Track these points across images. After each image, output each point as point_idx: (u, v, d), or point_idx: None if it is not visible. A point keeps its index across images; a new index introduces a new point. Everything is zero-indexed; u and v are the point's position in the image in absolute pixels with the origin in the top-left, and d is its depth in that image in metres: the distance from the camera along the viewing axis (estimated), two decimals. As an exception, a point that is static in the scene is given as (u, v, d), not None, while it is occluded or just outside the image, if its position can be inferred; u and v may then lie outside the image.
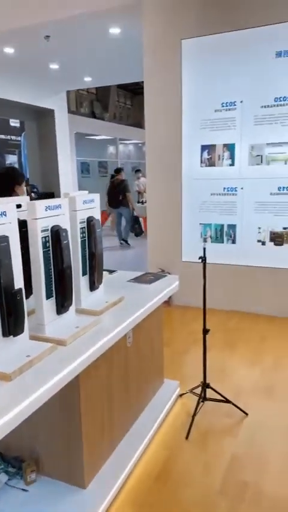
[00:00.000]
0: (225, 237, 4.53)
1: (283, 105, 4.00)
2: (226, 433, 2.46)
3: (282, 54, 3.92)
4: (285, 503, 1.93)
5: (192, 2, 4.16)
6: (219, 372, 3.11)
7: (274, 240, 4.33)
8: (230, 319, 4.28)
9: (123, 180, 8.50)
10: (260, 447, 2.32)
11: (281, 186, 4.18)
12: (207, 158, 4.45)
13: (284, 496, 1.98)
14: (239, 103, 4.18)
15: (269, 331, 3.97)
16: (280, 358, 3.41)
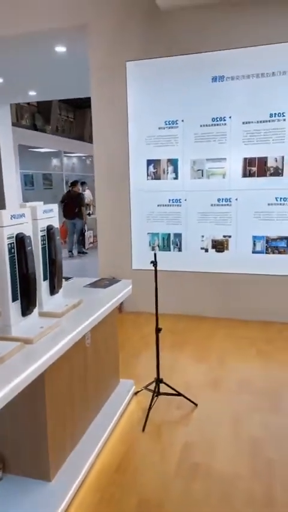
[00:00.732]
0: (172, 245, 4.83)
1: (219, 124, 4.41)
2: (178, 423, 2.67)
3: (217, 79, 4.34)
4: (230, 477, 2.17)
5: (134, 28, 4.47)
6: (170, 369, 3.34)
7: (216, 247, 4.70)
8: (179, 322, 4.55)
9: (80, 194, 8.88)
10: (209, 433, 2.56)
11: (220, 197, 4.57)
12: (153, 172, 4.74)
13: (229, 472, 2.22)
14: (181, 122, 4.54)
15: (214, 331, 4.29)
16: (224, 355, 3.72)
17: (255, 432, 2.56)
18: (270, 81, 4.18)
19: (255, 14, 4.04)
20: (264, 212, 4.46)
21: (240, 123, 4.34)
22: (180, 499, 2.04)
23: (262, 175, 4.39)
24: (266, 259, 4.50)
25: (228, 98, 4.33)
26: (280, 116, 4.21)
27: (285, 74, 4.13)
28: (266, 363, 3.58)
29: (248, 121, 4.32)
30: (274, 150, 4.30)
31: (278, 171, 4.34)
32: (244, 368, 3.47)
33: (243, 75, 4.25)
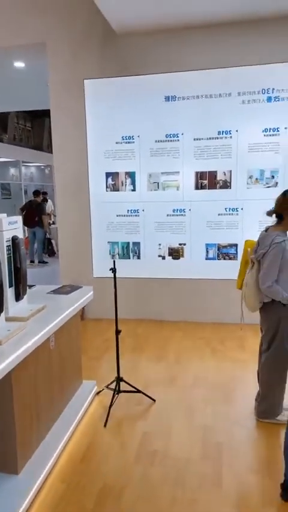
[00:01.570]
0: (131, 253, 5.07)
1: (173, 140, 4.74)
2: (138, 417, 2.89)
3: (170, 99, 4.68)
4: (184, 461, 2.42)
5: (92, 49, 4.72)
6: (130, 370, 3.55)
7: (172, 255, 4.99)
8: (138, 326, 4.78)
9: (40, 203, 9.00)
10: (165, 424, 2.80)
11: (175, 208, 4.88)
12: (111, 184, 4.98)
13: (183, 456, 2.46)
14: (137, 137, 4.83)
15: (172, 334, 4.56)
16: (180, 355, 3.99)
17: (207, 421, 2.83)
18: (217, 102, 4.57)
19: (204, 39, 4.42)
20: (215, 222, 4.82)
21: (192, 139, 4.69)
22: (139, 483, 2.25)
23: (212, 187, 4.75)
24: (217, 264, 4.85)
25: (180, 116, 4.67)
26: (227, 133, 4.61)
27: (230, 96, 4.53)
28: (219, 360, 3.89)
29: (198, 138, 4.68)
30: (223, 165, 4.68)
31: (226, 184, 4.72)
32: (199, 365, 3.75)
33: (193, 96, 4.61)
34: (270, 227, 2.69)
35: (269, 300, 2.61)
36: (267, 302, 2.63)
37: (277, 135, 4.50)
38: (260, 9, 4.01)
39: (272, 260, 2.54)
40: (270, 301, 2.61)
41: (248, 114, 4.51)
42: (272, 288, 2.53)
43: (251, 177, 4.64)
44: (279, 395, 2.70)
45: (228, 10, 4.03)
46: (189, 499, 2.12)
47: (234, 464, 2.38)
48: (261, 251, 2.62)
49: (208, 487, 2.21)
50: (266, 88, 4.43)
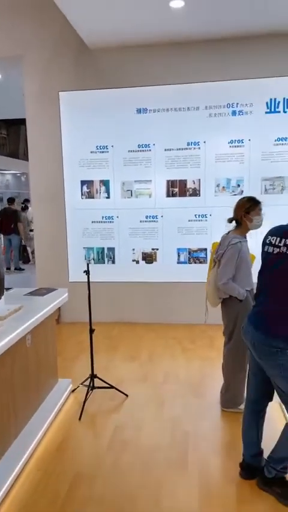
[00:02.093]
0: (106, 258, 5.26)
1: (145, 150, 4.98)
2: (111, 411, 3.06)
3: (141, 111, 4.93)
4: (152, 449, 2.61)
5: (66, 62, 4.92)
6: (105, 368, 3.72)
7: (145, 259, 5.21)
8: (113, 329, 4.96)
9: (16, 210, 9.07)
10: (137, 417, 2.98)
11: (148, 214, 5.11)
12: (86, 191, 5.17)
13: (152, 444, 2.65)
14: (111, 147, 5.04)
15: (145, 335, 4.76)
16: (153, 355, 4.19)
17: (176, 412, 3.04)
18: (186, 115, 4.85)
19: (173, 56, 4.69)
20: (186, 227, 5.07)
21: (163, 149, 4.94)
22: (111, 469, 2.42)
23: (183, 195, 5.01)
24: (188, 268, 5.10)
25: (151, 128, 4.92)
26: (196, 144, 4.88)
27: (198, 109, 4.82)
28: (189, 358, 4.11)
29: (169, 148, 4.93)
30: (192, 174, 4.95)
31: (196, 192, 4.99)
32: (170, 363, 3.96)
33: (163, 109, 4.87)
34: (231, 231, 2.95)
35: (227, 296, 2.85)
36: (226, 298, 2.88)
37: (242, 147, 4.81)
38: (223, 30, 4.32)
39: (228, 259, 2.79)
40: (228, 298, 2.86)
41: (215, 127, 4.80)
42: (228, 285, 2.77)
43: (218, 186, 4.93)
44: (240, 385, 2.93)
45: (195, 30, 4.32)
46: (156, 481, 2.31)
47: (198, 449, 2.59)
48: (220, 251, 2.87)
49: (174, 471, 2.40)
50: (230, 103, 4.74)
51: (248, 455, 2.31)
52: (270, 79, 4.60)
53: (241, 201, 2.89)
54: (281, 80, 4.58)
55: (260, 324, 2.11)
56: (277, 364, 2.04)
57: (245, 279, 2.85)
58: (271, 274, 2.10)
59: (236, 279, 2.81)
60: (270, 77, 4.60)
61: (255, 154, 4.79)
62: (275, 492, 2.15)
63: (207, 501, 2.15)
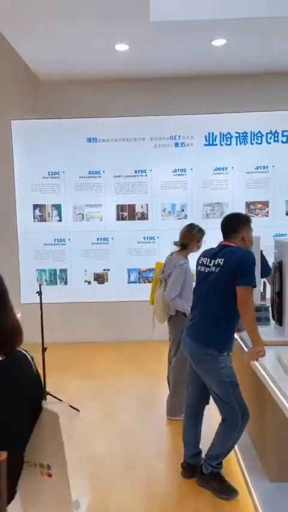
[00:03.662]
0: (59, 280, 5.40)
1: (95, 177, 5.27)
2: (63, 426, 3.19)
3: (91, 140, 5.23)
4: (102, 458, 2.78)
5: (18, 92, 5.15)
6: (57, 387, 3.83)
7: (97, 280, 5.42)
8: (66, 349, 5.07)
9: None
10: (88, 429, 3.15)
11: (99, 237, 5.36)
12: (39, 215, 5.33)
13: (104, 452, 2.84)
14: (62, 173, 5.28)
15: (98, 353, 4.93)
16: (106, 371, 4.38)
17: (125, 424, 3.24)
18: (133, 145, 5.21)
19: (121, 91, 5.07)
20: (136, 249, 5.36)
21: (112, 176, 5.26)
22: (64, 479, 2.56)
23: (132, 219, 5.33)
24: (138, 287, 5.36)
25: (101, 156, 5.23)
26: (143, 172, 5.25)
27: (144, 140, 5.21)
28: (140, 373, 4.33)
29: (118, 175, 5.25)
30: (140, 199, 5.29)
31: (144, 216, 5.33)
32: (121, 379, 4.16)
33: (112, 139, 5.21)
34: (174, 252, 3.27)
35: (174, 313, 3.15)
36: (172, 315, 3.17)
37: (185, 175, 5.24)
38: (164, 70, 4.79)
39: (175, 278, 3.10)
40: (175, 314, 3.15)
41: (160, 157, 5.20)
42: (176, 301, 3.08)
43: (164, 210, 5.30)
44: (184, 394, 3.18)
45: (139, 69, 4.75)
46: (104, 486, 2.48)
47: (145, 456, 2.80)
48: (168, 271, 3.18)
49: (122, 475, 2.59)
50: (173, 135, 5.18)
51: (188, 455, 2.56)
52: (207, 115, 5.11)
53: (193, 231, 3.20)
54: (217, 116, 5.10)
55: (195, 335, 2.41)
56: (211, 370, 2.34)
57: (189, 296, 3.16)
58: (203, 291, 2.41)
59: (181, 296, 3.12)
60: (207, 114, 5.11)
61: (196, 182, 5.24)
62: (212, 487, 2.41)
63: (151, 500, 2.36)
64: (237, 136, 5.17)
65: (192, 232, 3.16)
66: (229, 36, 3.93)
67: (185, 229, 3.19)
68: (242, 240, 2.39)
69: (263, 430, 2.50)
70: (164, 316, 3.21)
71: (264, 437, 2.46)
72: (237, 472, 2.59)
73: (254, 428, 2.70)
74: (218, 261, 2.33)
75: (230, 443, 2.37)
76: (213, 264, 2.35)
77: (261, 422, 2.51)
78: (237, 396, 2.32)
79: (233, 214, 2.54)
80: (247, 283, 2.24)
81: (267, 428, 2.39)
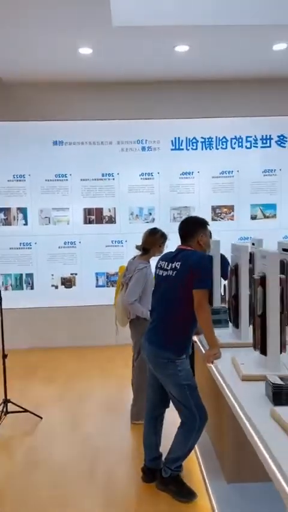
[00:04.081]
0: (25, 284, 5.31)
1: (62, 180, 5.22)
2: (25, 434, 3.14)
3: (57, 143, 5.19)
4: (64, 465, 2.74)
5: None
6: (21, 393, 3.76)
7: (64, 284, 5.36)
8: (32, 354, 4.98)
9: None
10: (50, 437, 3.10)
11: (66, 240, 5.31)
12: (3, 218, 5.23)
13: (64, 459, 2.79)
14: (28, 176, 5.20)
15: (64, 358, 4.86)
16: (71, 376, 4.32)
17: (88, 429, 3.20)
18: (100, 148, 5.21)
19: (87, 94, 5.03)
20: (104, 252, 5.35)
21: (79, 179, 5.23)
22: (22, 487, 2.51)
23: (99, 222, 5.31)
24: (107, 291, 5.33)
25: (67, 159, 5.19)
26: (110, 175, 5.25)
27: (111, 144, 5.21)
28: (106, 378, 4.30)
29: (85, 178, 5.23)
30: (108, 203, 5.28)
31: (112, 219, 5.32)
32: (87, 384, 4.12)
33: (78, 142, 5.18)
34: (137, 256, 3.27)
35: (135, 317, 3.15)
36: (133, 318, 3.17)
37: (152, 179, 5.28)
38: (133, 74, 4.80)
39: (135, 282, 3.09)
40: (136, 318, 3.15)
41: (127, 160, 5.22)
42: (134, 305, 3.08)
43: (132, 214, 5.32)
44: (146, 398, 3.20)
45: (107, 73, 4.74)
46: (65, 495, 2.45)
47: (106, 461, 2.78)
48: (128, 275, 3.17)
49: (82, 482, 2.56)
50: (140, 139, 5.21)
51: (148, 460, 2.56)
52: (174, 120, 5.16)
53: (155, 235, 3.20)
54: (182, 121, 5.16)
55: (152, 338, 2.41)
56: (169, 374, 2.35)
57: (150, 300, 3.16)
58: (161, 294, 2.43)
59: (142, 300, 3.12)
60: (174, 118, 5.16)
61: (163, 186, 5.28)
62: (171, 491, 2.41)
63: (109, 506, 2.34)
64: (202, 141, 5.25)
65: (155, 236, 3.17)
66: (192, 42, 3.99)
67: (147, 233, 3.21)
68: (198, 244, 2.42)
69: (221, 431, 2.53)
70: (125, 320, 3.21)
71: (222, 438, 2.49)
72: (197, 474, 2.61)
73: (213, 430, 2.73)
74: (175, 265, 2.35)
75: (189, 446, 2.38)
76: (171, 268, 2.37)
77: (219, 423, 2.54)
78: (195, 399, 2.34)
79: (190, 218, 2.56)
80: (203, 286, 2.27)
81: (225, 430, 2.42)
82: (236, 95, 5.08)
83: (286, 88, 5.08)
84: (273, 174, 5.30)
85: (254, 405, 1.62)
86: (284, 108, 5.11)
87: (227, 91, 5.06)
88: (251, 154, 5.28)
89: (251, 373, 1.84)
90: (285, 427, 1.40)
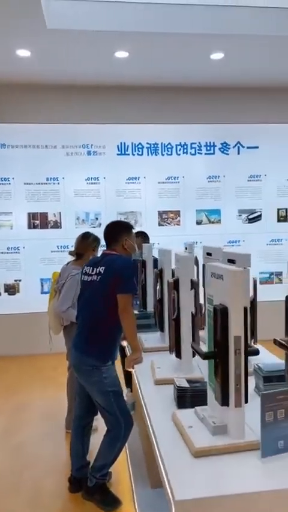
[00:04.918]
0: None
1: (4, 184, 5.09)
2: None
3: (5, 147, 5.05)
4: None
5: None
6: None
7: (8, 291, 5.20)
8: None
9: None
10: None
11: (9, 246, 5.16)
12: None
13: None
14: None
15: (6, 367, 4.70)
16: (10, 386, 4.18)
17: (22, 439, 3.10)
18: (45, 152, 5.12)
19: (29, 96, 4.94)
20: (49, 258, 5.24)
21: (22, 183, 5.11)
22: None
23: (44, 227, 5.21)
24: (52, 298, 5.23)
25: (10, 162, 5.06)
26: (55, 180, 5.17)
27: (56, 148, 5.14)
28: (47, 386, 4.20)
29: (29, 182, 5.12)
30: (53, 207, 5.19)
31: (57, 224, 5.23)
32: (27, 393, 4.00)
33: (21, 145, 5.07)
34: (70, 262, 3.22)
35: (68, 323, 3.09)
36: (67, 325, 3.10)
37: (98, 184, 5.25)
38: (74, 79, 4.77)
39: (68, 289, 3.04)
40: (69, 324, 3.09)
41: (72, 165, 5.17)
42: (68, 312, 3.02)
43: (78, 218, 5.25)
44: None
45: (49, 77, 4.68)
46: (-14, 510, 2.34)
47: (36, 471, 2.70)
48: (61, 282, 3.11)
49: (9, 493, 2.46)
50: (86, 143, 5.18)
51: (74, 469, 2.50)
52: (119, 125, 5.17)
53: (88, 239, 3.16)
54: (128, 126, 5.18)
55: (78, 345, 2.37)
56: (93, 381, 2.31)
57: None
58: (86, 299, 2.39)
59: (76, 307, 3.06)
60: (120, 124, 5.17)
61: (110, 190, 5.26)
62: (96, 500, 2.36)
63: (32, 519, 2.26)
64: (148, 147, 5.30)
65: (87, 241, 3.14)
66: (130, 48, 4.01)
67: (80, 238, 3.17)
68: (123, 248, 2.41)
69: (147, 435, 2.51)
70: (58, 327, 3.14)
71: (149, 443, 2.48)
72: (126, 481, 2.58)
73: (145, 436, 2.71)
74: (100, 269, 2.32)
75: (114, 454, 2.35)
76: (95, 273, 2.34)
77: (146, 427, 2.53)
78: (120, 406, 2.31)
79: (113, 223, 2.56)
80: (127, 291, 2.26)
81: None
82: (179, 102, 5.16)
83: (228, 96, 5.23)
84: (217, 180, 5.43)
85: (160, 409, 1.62)
86: (226, 116, 5.26)
87: (171, 98, 5.14)
88: (195, 160, 5.39)
89: (163, 377, 1.84)
90: (181, 431, 1.40)
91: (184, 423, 1.40)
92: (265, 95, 5.22)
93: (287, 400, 1.23)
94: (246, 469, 1.20)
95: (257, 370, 1.68)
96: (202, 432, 1.34)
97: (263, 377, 1.62)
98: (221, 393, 1.31)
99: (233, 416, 1.30)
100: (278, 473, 1.18)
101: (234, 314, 1.27)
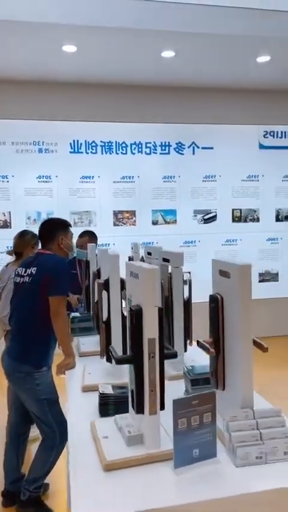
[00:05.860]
0: None
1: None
2: None
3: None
4: None
5: None
6: None
7: None
8: None
9: None
10: None
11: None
12: None
13: None
14: None
15: None
16: None
17: None
18: (-4, 149, 4.90)
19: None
20: (-2, 259, 5.00)
21: None
22: None
23: (-8, 227, 4.98)
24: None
25: None
26: (4, 178, 4.95)
27: (5, 144, 4.92)
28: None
29: (-25, 180, 4.88)
30: (2, 206, 4.97)
31: (7, 224, 5.01)
32: None
33: None
34: (10, 263, 3.05)
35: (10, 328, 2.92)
36: (9, 330, 2.93)
37: (50, 182, 5.08)
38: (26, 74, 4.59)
39: (9, 292, 2.87)
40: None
41: (23, 162, 4.97)
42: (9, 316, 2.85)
43: (29, 218, 5.06)
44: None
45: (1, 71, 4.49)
46: None
47: None
48: (2, 285, 2.94)
49: None
50: (37, 141, 4.99)
51: (8, 482, 2.35)
52: (72, 122, 5.03)
53: (26, 237, 3.00)
54: (80, 124, 5.04)
55: (10, 350, 2.22)
56: (25, 389, 2.17)
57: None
58: (18, 302, 2.25)
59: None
60: (72, 121, 5.02)
61: (62, 189, 5.10)
62: (30, 514, 2.23)
63: None
64: (102, 145, 5.19)
65: (25, 238, 2.98)
66: (78, 43, 3.89)
67: (17, 236, 3.01)
68: (59, 248, 2.29)
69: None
70: (0, 333, 2.96)
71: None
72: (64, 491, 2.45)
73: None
74: (31, 270, 2.19)
75: (48, 466, 2.21)
76: (27, 274, 2.21)
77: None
78: (54, 414, 2.18)
79: (49, 220, 2.44)
80: (59, 293, 2.14)
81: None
82: (134, 101, 5.09)
83: (182, 96, 5.20)
84: (173, 180, 5.39)
85: (83, 418, 1.51)
86: (181, 116, 5.23)
87: (125, 96, 5.05)
88: (151, 160, 5.33)
89: (91, 383, 1.74)
90: (96, 442, 1.30)
91: (100, 433, 1.31)
92: (220, 95, 5.24)
93: (201, 405, 1.16)
94: (158, 482, 1.12)
95: (185, 373, 1.61)
96: (117, 443, 1.25)
97: (190, 380, 1.55)
98: (136, 400, 1.22)
99: (148, 424, 1.21)
100: (191, 485, 1.11)
101: (148, 315, 1.19)
